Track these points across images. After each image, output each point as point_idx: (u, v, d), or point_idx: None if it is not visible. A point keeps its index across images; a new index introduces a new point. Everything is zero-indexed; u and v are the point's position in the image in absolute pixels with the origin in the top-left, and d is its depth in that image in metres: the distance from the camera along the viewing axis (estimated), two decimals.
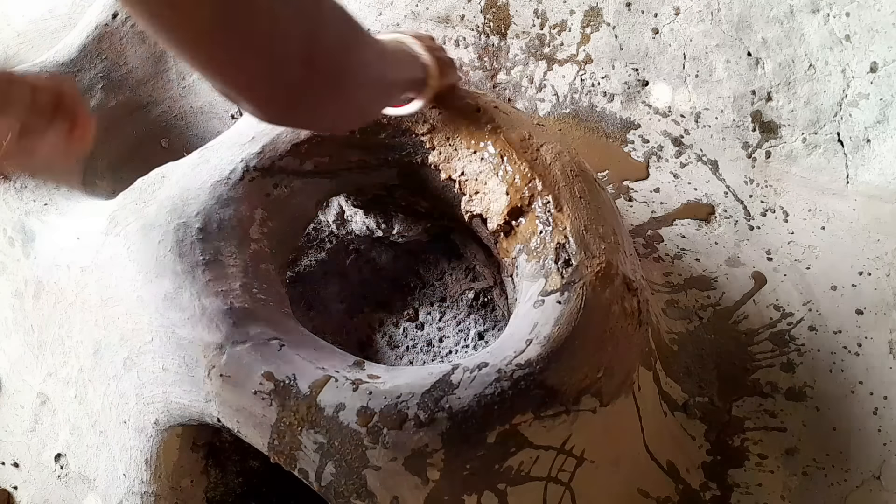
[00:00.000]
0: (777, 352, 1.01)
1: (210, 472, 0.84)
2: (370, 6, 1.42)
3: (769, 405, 0.96)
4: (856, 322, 1.01)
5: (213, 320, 0.70)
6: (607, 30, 1.24)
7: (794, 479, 0.90)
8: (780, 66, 1.12)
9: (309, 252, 1.07)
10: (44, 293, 0.91)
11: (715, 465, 0.92)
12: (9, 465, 0.93)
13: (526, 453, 0.67)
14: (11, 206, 0.96)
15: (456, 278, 1.06)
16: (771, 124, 1.16)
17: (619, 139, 1.26)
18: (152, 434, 0.76)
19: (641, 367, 0.83)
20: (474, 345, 0.99)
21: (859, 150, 1.10)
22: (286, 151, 0.86)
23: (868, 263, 1.05)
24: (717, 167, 1.20)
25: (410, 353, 1.01)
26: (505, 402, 0.66)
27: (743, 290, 1.08)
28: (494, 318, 1.02)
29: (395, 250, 1.07)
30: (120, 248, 0.81)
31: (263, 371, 0.67)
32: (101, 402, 0.81)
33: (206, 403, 0.69)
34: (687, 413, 0.94)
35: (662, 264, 1.13)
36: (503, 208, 0.82)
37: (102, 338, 0.80)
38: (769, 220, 1.14)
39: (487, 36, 1.34)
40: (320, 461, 0.65)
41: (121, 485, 0.80)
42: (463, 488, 0.65)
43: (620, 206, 1.19)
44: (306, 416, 0.65)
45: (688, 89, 1.20)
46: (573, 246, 0.76)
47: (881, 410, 0.93)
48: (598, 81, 1.27)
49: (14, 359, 0.96)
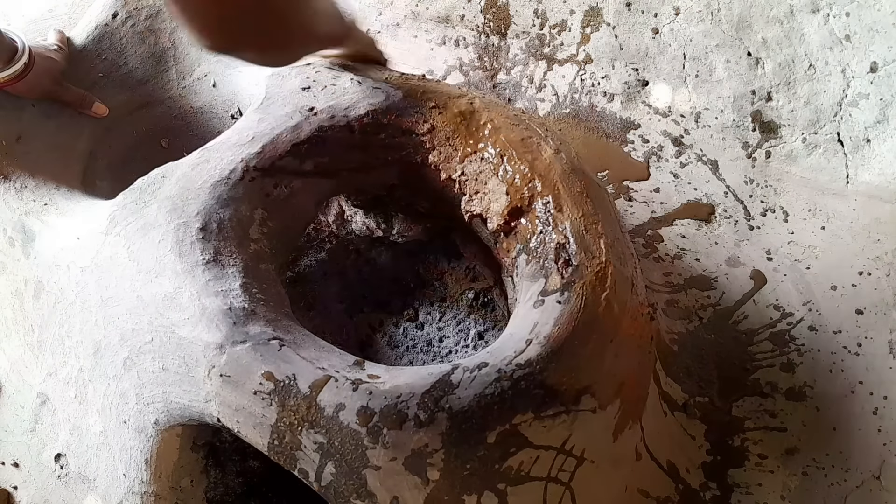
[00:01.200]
0: (777, 352, 1.01)
1: (210, 472, 0.84)
2: (370, 6, 1.42)
3: (769, 405, 0.96)
4: (856, 322, 1.01)
5: (213, 320, 0.70)
6: (607, 30, 1.24)
7: (794, 479, 0.90)
8: (780, 66, 1.12)
9: (309, 252, 1.07)
10: (44, 293, 0.91)
11: (715, 465, 0.92)
12: (9, 465, 0.93)
13: (526, 453, 0.67)
14: (11, 206, 0.96)
15: (456, 278, 1.06)
16: (771, 124, 1.16)
17: (619, 139, 1.26)
18: (152, 434, 0.76)
19: None
20: (474, 345, 0.99)
21: (859, 150, 1.10)
22: (286, 151, 0.86)
23: (868, 263, 1.05)
24: (717, 167, 1.20)
25: (410, 353, 1.01)
26: (505, 402, 0.66)
27: (743, 290, 1.08)
28: (494, 318, 1.02)
29: (395, 250, 1.07)
30: (120, 248, 0.81)
31: (263, 371, 0.67)
32: (101, 402, 0.81)
33: (206, 403, 0.69)
34: (687, 413, 0.94)
35: (662, 264, 1.13)
36: (503, 208, 0.82)
37: (102, 338, 0.80)
38: (769, 220, 1.14)
39: (487, 36, 1.34)
40: (320, 461, 0.65)
41: (121, 485, 0.80)
42: (463, 488, 0.65)
43: (620, 206, 1.19)
44: (306, 416, 0.65)
45: (688, 89, 1.21)
46: (573, 246, 0.76)
47: (881, 410, 0.93)
48: (598, 81, 1.27)
49: (14, 359, 0.96)
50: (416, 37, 1.40)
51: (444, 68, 1.38)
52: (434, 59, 1.39)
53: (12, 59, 0.94)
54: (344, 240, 1.08)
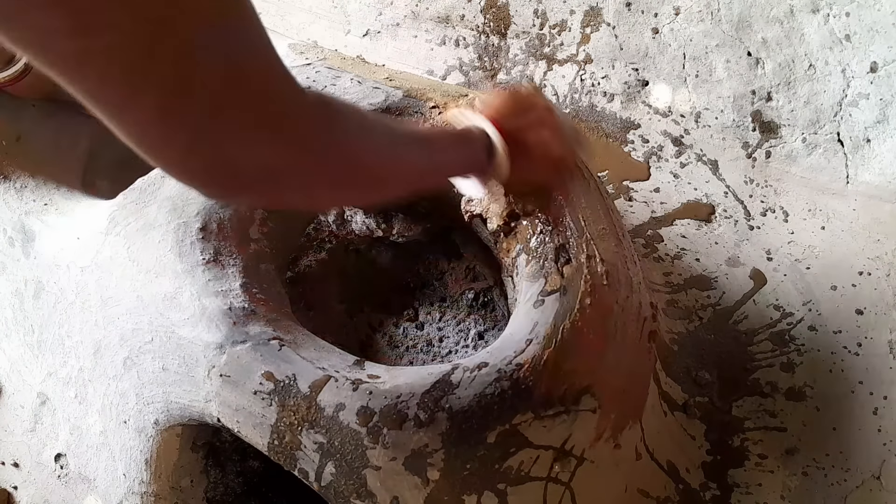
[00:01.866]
0: (777, 352, 1.01)
1: (210, 472, 0.84)
2: (370, 6, 1.42)
3: (769, 405, 0.96)
4: (856, 322, 1.01)
5: (213, 320, 0.70)
6: (607, 30, 1.24)
7: (794, 479, 0.90)
8: (780, 66, 1.12)
9: (309, 252, 1.07)
10: (44, 293, 0.91)
11: (715, 465, 0.91)
12: (9, 465, 0.93)
13: (526, 453, 0.67)
14: (11, 206, 0.96)
15: (456, 278, 1.06)
16: (771, 124, 1.16)
17: (619, 139, 1.26)
18: (152, 434, 0.76)
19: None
20: (474, 345, 0.99)
21: (859, 150, 1.10)
22: None
23: (868, 263, 1.05)
24: (717, 167, 1.20)
25: (410, 353, 1.00)
26: (505, 402, 0.66)
27: (743, 290, 1.08)
28: (494, 318, 1.02)
29: (395, 250, 1.07)
30: (120, 248, 0.81)
31: (263, 371, 0.67)
32: (101, 402, 0.81)
33: (206, 403, 0.69)
34: (687, 413, 0.94)
35: (662, 264, 1.13)
36: (503, 209, 0.82)
37: (102, 338, 0.80)
38: (769, 220, 1.14)
39: (487, 36, 1.34)
40: (320, 461, 0.65)
41: (121, 485, 0.80)
42: (463, 488, 0.65)
43: (620, 206, 1.19)
44: (306, 416, 0.65)
45: (688, 89, 1.21)
46: (573, 246, 0.76)
47: (881, 410, 0.93)
48: (598, 81, 1.27)
49: (14, 359, 0.96)
50: (416, 37, 1.40)
51: (444, 68, 1.38)
52: (434, 59, 1.39)
53: (12, 59, 0.94)
54: (344, 240, 1.08)
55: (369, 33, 1.43)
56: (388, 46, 1.06)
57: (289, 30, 1.50)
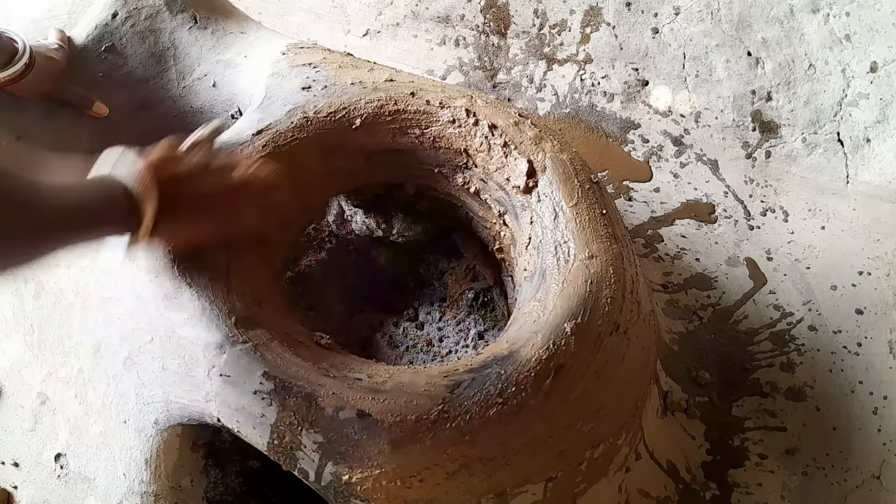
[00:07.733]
0: (777, 352, 1.01)
1: (210, 472, 0.84)
2: (370, 6, 1.42)
3: (769, 405, 0.96)
4: (856, 322, 1.01)
5: (213, 320, 0.70)
6: (607, 30, 1.24)
7: (794, 479, 0.90)
8: (780, 65, 1.12)
9: (309, 252, 1.07)
10: (44, 293, 0.91)
11: (715, 465, 0.92)
12: (9, 465, 0.93)
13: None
14: None
15: (456, 278, 1.06)
16: (771, 124, 1.16)
17: (619, 139, 1.26)
18: (152, 434, 0.76)
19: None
20: (474, 345, 0.99)
21: (859, 149, 1.10)
22: None
23: (868, 263, 1.05)
24: (717, 167, 1.20)
25: (410, 353, 1.00)
26: (505, 402, 0.66)
27: (743, 290, 1.08)
28: (494, 318, 1.02)
29: (395, 250, 1.07)
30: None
31: (263, 371, 0.67)
32: (101, 402, 0.81)
33: (205, 403, 0.69)
34: (687, 413, 0.94)
35: (662, 264, 1.13)
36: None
37: (102, 338, 0.80)
38: (769, 219, 1.14)
39: (487, 36, 1.34)
40: (320, 461, 0.65)
41: (121, 485, 0.80)
42: (463, 488, 0.65)
43: (620, 206, 1.19)
44: (306, 416, 0.65)
45: (688, 89, 1.21)
46: (573, 246, 0.76)
47: (881, 410, 0.93)
48: (598, 81, 1.27)
49: (14, 359, 0.96)
50: (416, 37, 1.40)
51: (444, 68, 1.38)
52: (434, 59, 1.39)
53: (13, 59, 0.94)
54: (344, 240, 1.08)
55: (369, 33, 1.44)
56: (388, 46, 1.07)
57: (289, 30, 1.50)
